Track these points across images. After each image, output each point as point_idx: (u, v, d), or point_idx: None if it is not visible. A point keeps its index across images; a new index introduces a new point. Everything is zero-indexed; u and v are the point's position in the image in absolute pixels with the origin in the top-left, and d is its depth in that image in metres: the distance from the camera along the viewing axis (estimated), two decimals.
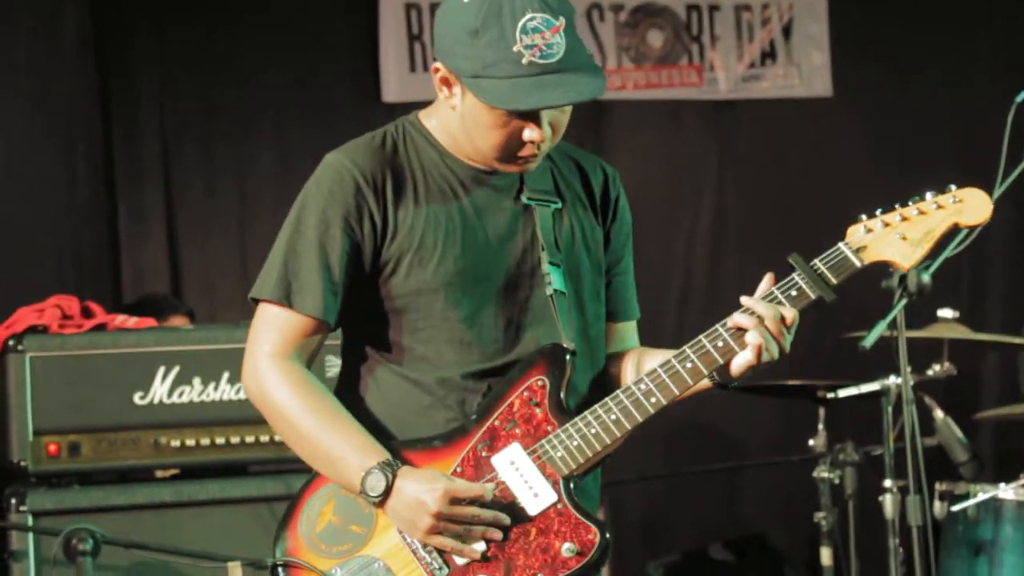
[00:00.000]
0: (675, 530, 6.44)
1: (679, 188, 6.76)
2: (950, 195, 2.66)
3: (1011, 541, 4.31)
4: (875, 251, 2.66)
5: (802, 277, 2.64)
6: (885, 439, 4.04)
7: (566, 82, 2.56)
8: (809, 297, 2.63)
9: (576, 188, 2.83)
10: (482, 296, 2.71)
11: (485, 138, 2.65)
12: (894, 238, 2.65)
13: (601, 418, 2.65)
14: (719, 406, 6.24)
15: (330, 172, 2.72)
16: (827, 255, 2.65)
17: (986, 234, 6.88)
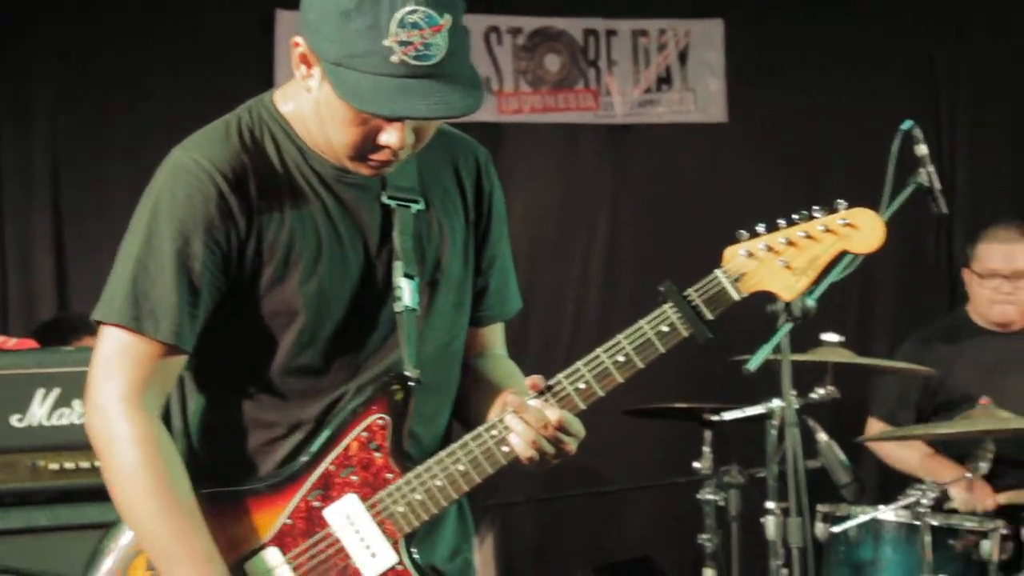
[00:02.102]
0: (562, 553, 6.45)
1: (574, 212, 6.78)
2: (840, 217, 2.39)
3: (890, 562, 4.38)
4: (756, 281, 2.38)
5: (675, 311, 2.37)
6: (769, 461, 4.07)
7: (436, 92, 2.22)
8: (681, 335, 2.37)
9: (445, 182, 2.52)
10: (340, 316, 2.40)
11: (338, 132, 2.32)
12: (777, 266, 2.38)
13: (448, 469, 2.37)
14: (606, 428, 6.26)
15: (184, 175, 2.35)
16: (703, 285, 2.38)
17: (872, 258, 7.01)
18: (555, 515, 6.46)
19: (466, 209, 2.54)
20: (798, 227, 2.38)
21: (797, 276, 2.38)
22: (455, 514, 2.55)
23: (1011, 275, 5.13)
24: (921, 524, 4.14)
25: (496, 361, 2.66)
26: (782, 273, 2.38)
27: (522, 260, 6.49)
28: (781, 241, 2.38)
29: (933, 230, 7.20)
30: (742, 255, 2.38)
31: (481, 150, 2.61)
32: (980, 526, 4.38)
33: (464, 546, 2.58)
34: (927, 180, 3.96)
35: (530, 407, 2.35)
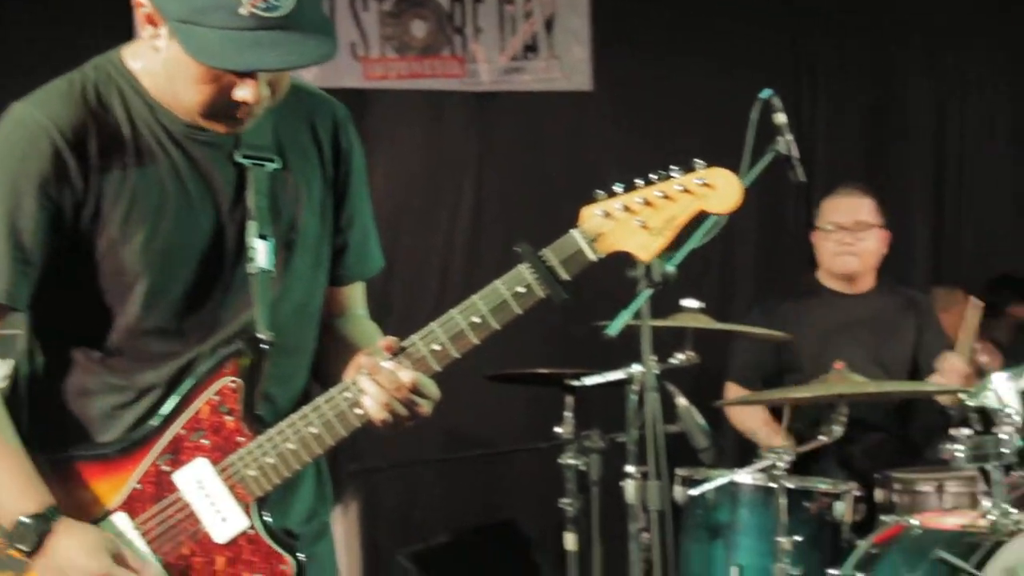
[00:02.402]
0: (426, 518, 6.47)
1: (440, 179, 6.78)
2: (697, 177, 2.36)
3: (747, 524, 4.45)
4: (612, 241, 2.35)
5: (530, 272, 2.33)
6: (629, 426, 4.11)
7: (289, 42, 2.18)
8: (537, 296, 2.34)
9: (302, 140, 2.48)
10: (189, 277, 2.36)
11: (190, 91, 2.26)
12: (634, 226, 2.34)
13: (300, 432, 2.34)
14: (470, 394, 6.29)
15: (21, 131, 2.29)
16: (559, 246, 2.35)
17: (733, 226, 7.13)
18: (418, 480, 6.46)
19: (323, 167, 2.50)
20: (655, 187, 2.36)
21: (654, 236, 2.36)
22: (312, 476, 2.53)
23: (852, 226, 5.25)
24: (777, 487, 4.21)
25: (355, 322, 2.64)
26: (639, 233, 2.35)
27: (387, 227, 6.48)
28: (638, 201, 2.35)
29: (792, 198, 7.32)
30: (598, 215, 2.35)
31: (340, 107, 2.56)
32: (834, 488, 4.47)
33: (321, 508, 2.56)
34: (785, 148, 4.02)
35: (383, 369, 2.32)
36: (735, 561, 4.40)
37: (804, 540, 4.33)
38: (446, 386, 6.11)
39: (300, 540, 2.45)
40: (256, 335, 2.38)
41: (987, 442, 4.21)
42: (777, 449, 4.22)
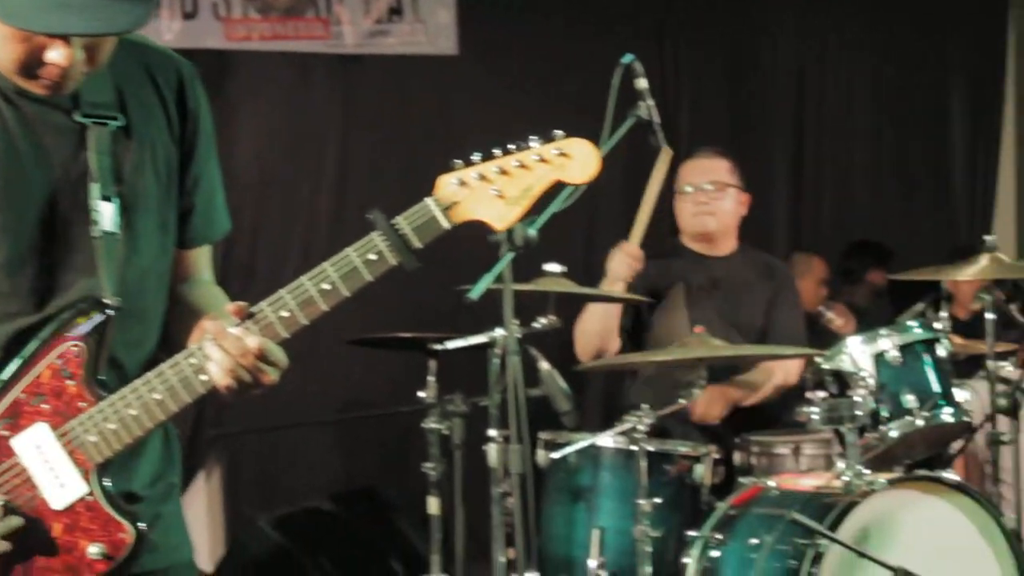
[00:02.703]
0: (289, 484, 6.44)
1: (304, 142, 6.73)
2: (555, 146, 2.35)
3: (608, 487, 4.48)
4: (467, 210, 2.33)
5: (382, 239, 2.31)
6: (491, 390, 4.11)
7: (97, 7, 2.14)
8: (389, 263, 2.32)
9: (145, 99, 2.42)
10: (25, 237, 2.30)
11: (4, 49, 2.21)
12: (489, 195, 2.33)
13: (143, 398, 2.29)
14: (332, 358, 6.28)
15: None
16: (413, 213, 2.32)
17: (598, 190, 7.17)
18: (281, 446, 6.44)
19: (169, 126, 2.45)
20: (512, 156, 2.35)
21: (510, 205, 2.34)
22: (160, 439, 2.49)
23: (709, 186, 5.28)
24: (637, 450, 4.24)
25: (201, 287, 2.60)
26: (494, 202, 2.33)
27: (251, 190, 6.49)
28: (494, 170, 2.33)
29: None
30: (454, 184, 2.33)
31: (185, 64, 2.51)
32: (693, 451, 4.52)
33: (168, 471, 2.52)
34: (646, 113, 4.04)
35: (229, 334, 2.28)
36: (596, 523, 4.44)
37: (664, 502, 4.38)
38: (309, 351, 6.12)
39: (146, 502, 2.42)
40: (101, 299, 2.33)
41: (841, 405, 4.28)
42: (638, 412, 4.24)
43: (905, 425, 4.49)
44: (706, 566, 4.25)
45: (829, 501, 4.07)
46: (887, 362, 4.53)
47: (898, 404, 4.50)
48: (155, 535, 2.38)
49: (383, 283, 5.68)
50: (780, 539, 4.07)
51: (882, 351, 4.54)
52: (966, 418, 4.61)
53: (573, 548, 4.49)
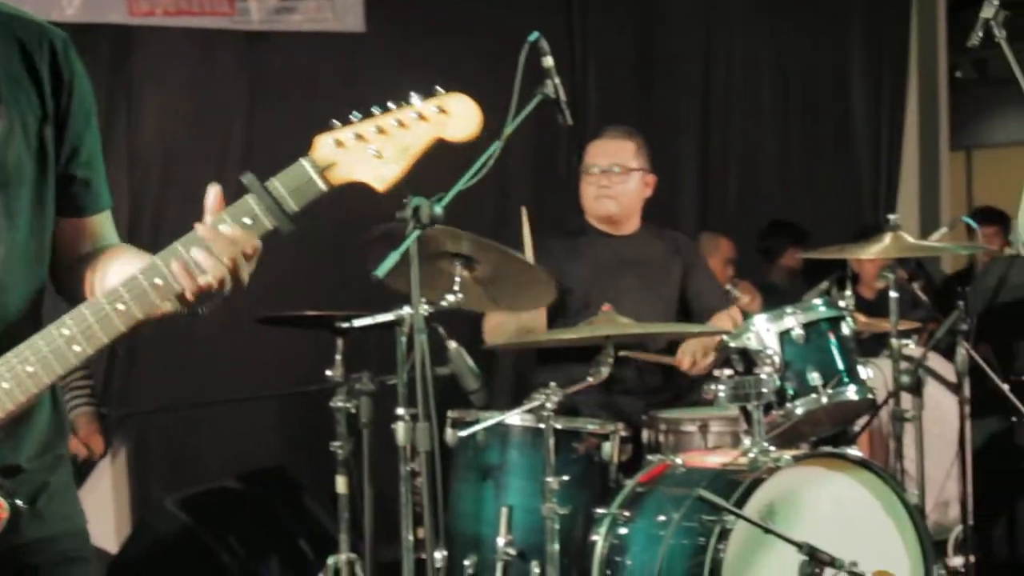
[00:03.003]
0: (196, 463, 6.39)
1: (209, 120, 6.66)
2: (434, 103, 2.28)
3: (516, 465, 4.48)
4: (345, 171, 2.26)
5: (257, 202, 2.24)
6: (399, 368, 4.08)
7: None
8: (265, 227, 2.26)
9: (15, 71, 2.33)
10: None
11: None
12: (367, 155, 2.26)
13: (15, 369, 2.24)
14: (238, 336, 6.23)
15: None
16: (287, 173, 2.25)
17: (507, 168, 7.18)
18: (189, 425, 6.38)
19: (42, 98, 2.36)
20: (391, 115, 2.28)
21: (389, 165, 2.27)
22: (48, 410, 2.42)
23: (609, 169, 5.27)
24: (545, 427, 4.24)
25: (110, 247, 2.53)
26: (372, 162, 2.27)
27: (155, 167, 6.41)
28: (372, 129, 2.27)
29: (565, 143, 7.40)
30: (330, 144, 2.27)
31: (58, 34, 2.41)
32: (601, 429, 4.54)
33: (57, 442, 2.45)
34: (553, 91, 4.03)
35: (219, 233, 2.23)
36: (505, 501, 4.44)
37: (572, 480, 4.39)
38: (217, 330, 6.05)
39: (31, 473, 2.36)
40: None
41: (748, 382, 4.32)
42: (545, 390, 4.24)
43: (810, 402, 4.53)
44: (614, 543, 4.27)
45: (735, 478, 4.10)
46: (792, 340, 4.56)
47: (803, 382, 4.54)
48: (42, 504, 2.36)
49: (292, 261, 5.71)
50: (687, 516, 4.10)
51: (787, 329, 4.57)
52: (870, 395, 4.66)
53: (481, 526, 4.49)
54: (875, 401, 4.77)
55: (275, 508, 5.48)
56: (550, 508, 4.18)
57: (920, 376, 4.84)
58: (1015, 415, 5.16)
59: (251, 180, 2.25)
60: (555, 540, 4.18)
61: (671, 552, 4.08)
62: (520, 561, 4.40)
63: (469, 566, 4.48)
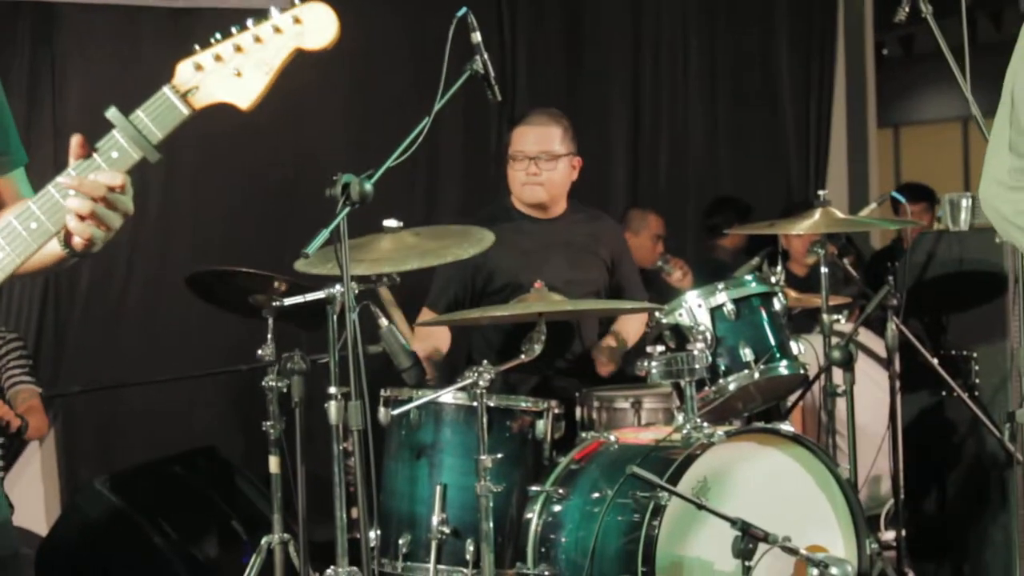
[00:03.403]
0: (127, 444, 6.33)
1: (136, 95, 6.55)
2: (289, 14, 2.31)
3: (450, 443, 4.46)
4: (207, 93, 2.30)
5: (123, 135, 2.30)
6: (331, 347, 4.05)
7: None
8: (132, 158, 2.31)
9: None
10: None
11: None
12: (227, 74, 2.29)
13: None
14: (169, 315, 6.17)
15: None
16: (150, 103, 2.31)
17: (438, 147, 7.14)
18: (119, 405, 6.32)
19: None
20: (247, 32, 2.31)
21: (251, 83, 2.31)
22: None
23: (537, 156, 5.23)
24: (478, 405, 4.23)
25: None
26: (234, 81, 2.30)
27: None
28: (229, 49, 2.30)
29: (496, 122, 7.38)
30: (189, 68, 2.30)
31: None
32: (535, 407, 4.53)
33: None
34: (481, 67, 4.01)
35: (87, 180, 2.29)
36: (439, 480, 4.42)
37: (506, 458, 4.38)
38: (148, 307, 5.96)
39: None
40: None
41: (680, 359, 4.32)
42: (478, 368, 4.22)
43: (742, 378, 4.55)
44: (548, 520, 4.27)
45: (669, 455, 4.11)
46: (724, 316, 4.58)
47: (735, 357, 4.56)
48: None
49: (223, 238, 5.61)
50: (621, 493, 4.10)
51: (719, 305, 4.59)
52: (802, 371, 4.69)
53: (415, 505, 4.48)
54: (807, 376, 4.80)
55: (208, 488, 5.44)
56: (484, 486, 4.17)
57: (851, 351, 4.87)
58: (945, 390, 5.21)
59: (115, 114, 2.31)
60: (489, 518, 4.17)
61: (605, 529, 4.08)
62: (454, 539, 4.39)
63: (403, 545, 4.46)
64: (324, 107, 6.85)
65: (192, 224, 6.37)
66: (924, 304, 5.30)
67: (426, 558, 4.40)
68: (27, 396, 5.67)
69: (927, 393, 5.34)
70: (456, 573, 4.40)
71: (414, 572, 4.47)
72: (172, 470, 5.48)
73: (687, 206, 8.46)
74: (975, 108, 3.95)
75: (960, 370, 5.18)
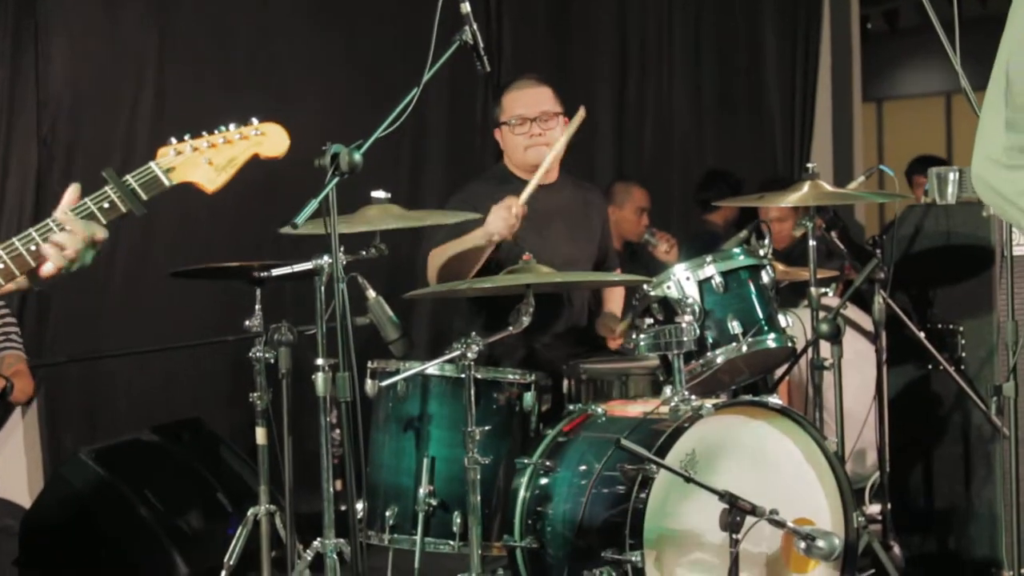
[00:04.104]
0: (112, 415, 6.31)
1: (120, 69, 6.54)
2: (252, 128, 3.03)
3: (437, 415, 4.47)
4: (183, 173, 2.96)
5: (115, 191, 2.87)
6: (318, 318, 4.04)
7: None
8: (120, 211, 2.87)
9: None
10: None
11: None
12: (201, 162, 2.97)
13: None
14: (156, 287, 6.15)
15: None
16: (139, 173, 2.91)
17: (425, 118, 7.11)
18: (104, 376, 6.30)
19: None
20: (219, 135, 3.01)
21: (218, 172, 3.00)
22: None
23: (538, 117, 5.21)
24: (466, 377, 4.22)
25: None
26: (205, 168, 2.99)
27: (64, 116, 6.28)
28: (204, 144, 3.00)
29: (482, 92, 7.36)
30: (172, 153, 2.97)
31: None
32: (522, 379, 4.52)
33: None
34: (471, 38, 3.99)
35: (81, 222, 2.84)
36: (426, 452, 4.43)
37: (494, 430, 4.38)
38: (135, 281, 5.94)
39: None
40: None
41: (668, 331, 4.31)
42: (465, 339, 4.21)
43: (730, 351, 4.55)
44: (536, 493, 4.26)
45: (656, 427, 4.10)
46: (712, 289, 4.58)
47: (723, 330, 4.55)
48: None
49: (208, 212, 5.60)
50: (609, 465, 4.09)
51: (707, 278, 4.58)
52: (789, 344, 4.69)
53: (402, 477, 4.48)
54: (794, 349, 4.79)
55: (193, 460, 5.43)
56: (471, 458, 4.16)
57: (838, 324, 4.87)
58: (931, 363, 5.22)
59: (110, 174, 2.88)
60: (477, 490, 4.17)
61: (593, 501, 4.08)
62: (441, 512, 4.40)
63: (390, 517, 4.46)
64: (308, 85, 6.84)
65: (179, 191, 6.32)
66: (911, 278, 5.30)
67: (413, 530, 4.41)
68: (13, 361, 5.66)
69: (913, 366, 5.35)
70: (443, 545, 4.40)
71: (401, 544, 4.47)
72: (158, 441, 5.47)
73: (672, 179, 8.46)
74: (965, 82, 3.93)
75: (946, 343, 5.19)
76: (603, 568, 3.93)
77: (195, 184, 2.97)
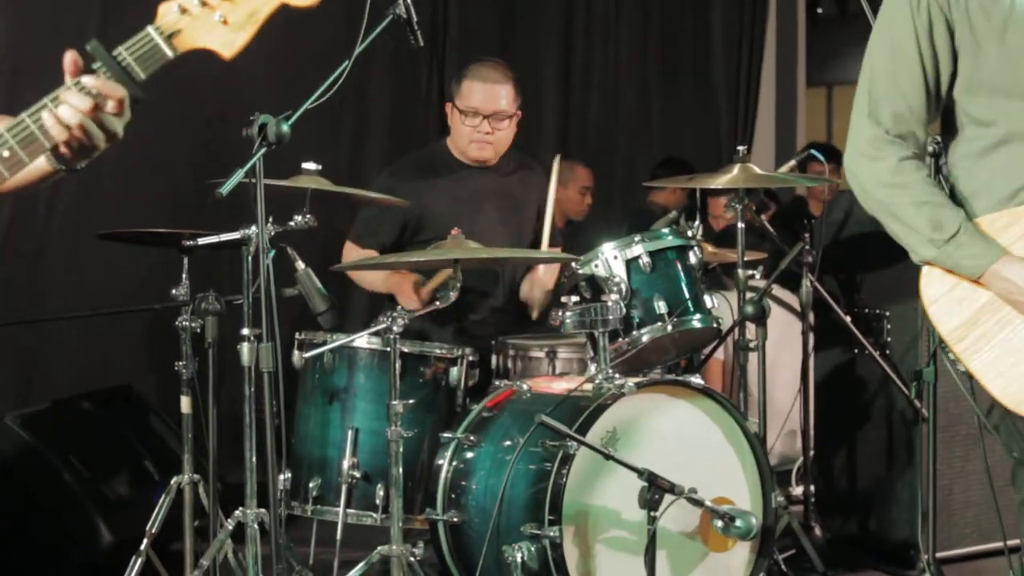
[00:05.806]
0: (39, 381, 6.27)
1: (62, 32, 6.47)
2: None
3: (363, 388, 4.49)
4: (191, 37, 2.28)
5: (105, 71, 2.28)
6: (245, 288, 4.04)
7: None
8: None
9: None
10: None
11: None
12: (214, 21, 2.28)
13: None
14: (85, 252, 6.11)
15: None
16: (134, 42, 2.27)
17: (367, 90, 7.08)
18: (33, 341, 6.25)
19: None
20: None
21: (235, 32, 2.30)
22: None
23: (491, 115, 5.22)
24: (392, 350, 4.23)
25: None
26: (219, 29, 2.29)
27: (8, 79, 6.21)
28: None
29: (426, 66, 7.35)
30: (175, 11, 2.27)
31: None
32: (449, 353, 4.54)
33: None
34: (404, 11, 3.99)
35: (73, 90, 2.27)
36: (351, 424, 4.44)
37: (419, 403, 4.40)
38: (62, 245, 5.89)
39: None
40: None
41: (594, 309, 4.34)
42: (392, 313, 4.22)
43: (656, 330, 4.58)
44: (459, 467, 4.29)
45: (579, 404, 4.12)
46: (639, 268, 4.60)
47: (649, 309, 4.58)
48: None
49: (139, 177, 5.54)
50: (532, 441, 4.11)
51: (635, 257, 4.61)
52: (715, 324, 4.72)
53: (326, 448, 4.49)
54: (720, 330, 4.83)
55: (120, 428, 5.41)
56: (395, 431, 4.17)
57: (764, 306, 4.91)
58: (857, 347, 5.27)
59: (96, 47, 2.26)
60: (399, 463, 4.18)
61: (515, 476, 4.10)
62: (365, 484, 4.42)
63: (313, 488, 4.48)
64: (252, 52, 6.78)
65: (116, 153, 6.25)
66: (839, 262, 5.35)
67: (336, 502, 4.42)
68: None
69: (840, 350, 5.40)
70: (366, 517, 4.43)
71: (324, 515, 4.49)
72: (86, 408, 5.44)
73: (615, 158, 8.48)
74: None
75: (872, 328, 5.24)
76: (522, 543, 3.96)
77: (209, 50, 2.30)
